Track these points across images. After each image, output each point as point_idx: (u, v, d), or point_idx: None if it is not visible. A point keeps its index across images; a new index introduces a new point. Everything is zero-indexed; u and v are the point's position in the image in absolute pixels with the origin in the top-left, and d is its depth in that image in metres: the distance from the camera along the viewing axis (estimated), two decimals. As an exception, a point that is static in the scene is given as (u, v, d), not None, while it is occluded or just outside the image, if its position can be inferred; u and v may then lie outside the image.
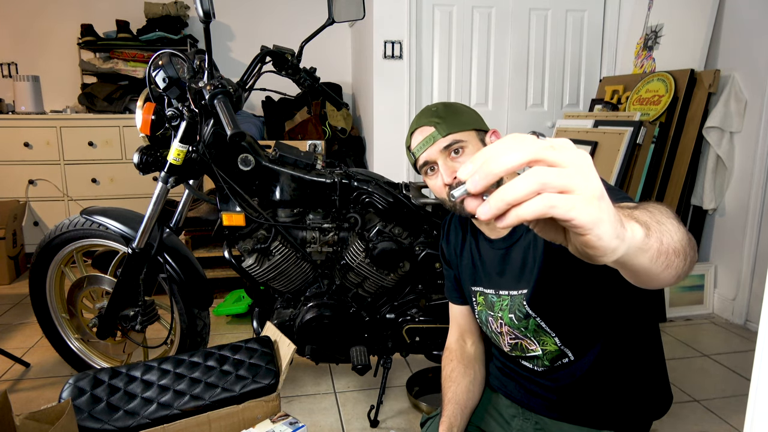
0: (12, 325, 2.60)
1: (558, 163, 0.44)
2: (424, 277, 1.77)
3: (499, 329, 1.12)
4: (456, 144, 1.07)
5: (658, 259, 0.58)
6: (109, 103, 3.51)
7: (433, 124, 1.09)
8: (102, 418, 1.31)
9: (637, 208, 0.65)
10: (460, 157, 1.07)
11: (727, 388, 2.00)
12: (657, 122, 2.68)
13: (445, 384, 1.21)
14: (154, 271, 1.77)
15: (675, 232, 0.61)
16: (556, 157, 0.44)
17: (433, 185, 1.13)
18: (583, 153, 0.47)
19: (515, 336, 1.10)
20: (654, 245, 0.57)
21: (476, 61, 3.39)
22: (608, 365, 1.05)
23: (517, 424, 1.15)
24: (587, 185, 0.45)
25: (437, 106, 1.13)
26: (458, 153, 1.08)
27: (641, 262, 0.56)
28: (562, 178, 0.44)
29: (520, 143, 0.45)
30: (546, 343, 1.06)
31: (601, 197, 0.46)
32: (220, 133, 1.58)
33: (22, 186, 3.38)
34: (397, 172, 3.27)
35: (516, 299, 1.07)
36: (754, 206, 2.53)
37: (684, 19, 2.81)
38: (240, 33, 3.92)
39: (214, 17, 1.35)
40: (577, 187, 0.44)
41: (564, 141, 0.47)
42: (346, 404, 1.93)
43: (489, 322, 1.15)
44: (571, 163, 0.45)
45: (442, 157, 1.09)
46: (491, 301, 1.13)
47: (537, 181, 0.43)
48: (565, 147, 0.46)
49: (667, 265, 0.60)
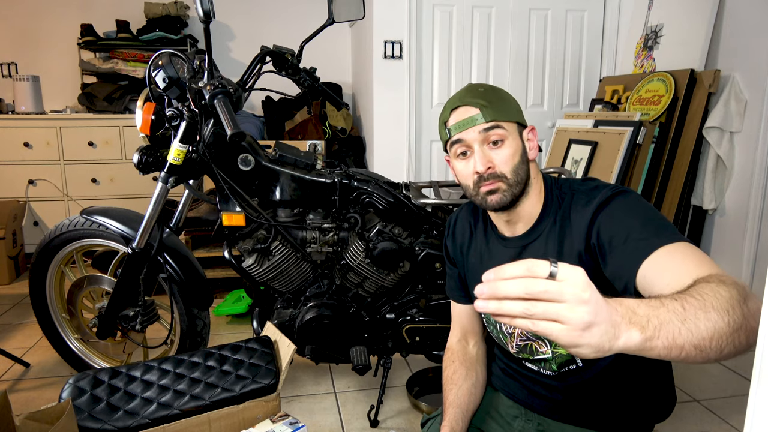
0: (12, 325, 2.60)
1: (555, 298, 0.53)
2: (424, 277, 1.77)
3: (511, 330, 1.11)
4: (497, 133, 1.02)
5: (670, 353, 0.61)
6: (109, 103, 3.51)
7: (479, 105, 1.02)
8: (102, 418, 1.31)
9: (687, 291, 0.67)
10: (498, 149, 1.02)
11: (727, 388, 2.00)
12: (657, 122, 2.68)
13: (446, 386, 1.19)
14: (154, 271, 1.77)
15: (706, 327, 0.62)
16: (555, 294, 0.53)
17: (462, 170, 1.06)
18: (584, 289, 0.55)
19: (527, 338, 1.08)
20: (659, 345, 0.60)
21: (476, 61, 3.39)
22: (617, 371, 1.04)
23: (519, 424, 1.15)
24: (574, 319, 0.53)
25: (485, 87, 1.06)
26: (497, 144, 1.02)
27: (647, 354, 0.61)
28: (550, 312, 0.53)
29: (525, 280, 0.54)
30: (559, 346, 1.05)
31: (588, 327, 0.54)
32: (220, 133, 1.58)
33: (22, 186, 3.38)
34: (397, 172, 3.27)
35: None
36: (754, 206, 2.53)
37: (684, 19, 2.81)
38: (240, 33, 3.92)
39: (214, 17, 1.35)
40: (564, 320, 0.53)
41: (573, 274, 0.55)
42: (346, 404, 1.93)
43: (498, 323, 1.13)
44: (568, 299, 0.53)
45: (480, 144, 1.03)
46: None
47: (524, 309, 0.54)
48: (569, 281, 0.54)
49: (685, 357, 0.62)
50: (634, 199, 0.95)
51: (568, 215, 1.00)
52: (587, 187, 1.02)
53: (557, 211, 1.03)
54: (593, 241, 0.94)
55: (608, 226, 0.92)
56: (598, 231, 0.93)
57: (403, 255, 1.70)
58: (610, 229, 0.91)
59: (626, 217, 0.91)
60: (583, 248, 0.96)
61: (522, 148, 1.04)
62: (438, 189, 1.88)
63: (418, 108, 3.33)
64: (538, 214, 1.05)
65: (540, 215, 1.05)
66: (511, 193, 1.02)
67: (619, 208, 0.94)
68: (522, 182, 1.03)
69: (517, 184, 1.02)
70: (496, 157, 1.02)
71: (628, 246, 0.87)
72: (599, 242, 0.93)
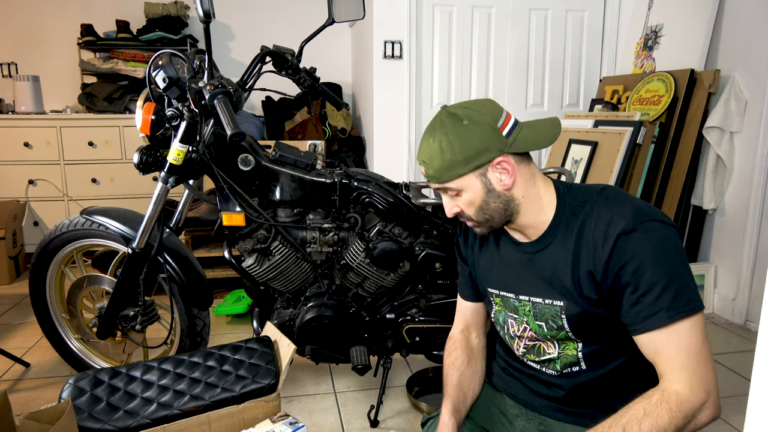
0: (12, 325, 2.60)
1: None
2: (424, 277, 1.77)
3: (521, 333, 1.10)
4: (449, 189, 1.04)
5: None
6: (109, 103, 3.51)
7: (425, 166, 1.03)
8: (102, 418, 1.31)
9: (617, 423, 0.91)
10: (458, 198, 1.04)
11: (727, 388, 2.00)
12: (657, 122, 2.68)
13: (448, 371, 1.19)
14: (154, 271, 1.77)
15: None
16: None
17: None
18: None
19: (535, 339, 1.09)
20: None
21: (476, 61, 3.39)
22: (619, 375, 1.05)
23: (521, 424, 1.15)
24: None
25: (434, 136, 1.00)
26: (456, 194, 1.04)
27: None
28: None
29: None
30: (567, 348, 1.05)
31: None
32: (220, 133, 1.58)
33: (22, 186, 3.38)
34: (397, 172, 3.27)
35: (545, 308, 1.04)
36: (754, 206, 2.53)
37: (684, 19, 2.81)
38: (240, 33, 3.92)
39: (214, 17, 1.35)
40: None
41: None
42: (346, 404, 1.93)
43: (509, 325, 1.13)
44: None
45: (442, 193, 1.07)
46: (513, 305, 1.11)
47: None
48: None
49: None
50: (659, 239, 0.93)
51: (587, 229, 0.98)
52: (607, 198, 1.00)
53: (572, 220, 1.01)
54: (611, 276, 0.95)
55: (629, 272, 0.92)
56: (618, 270, 0.94)
57: (403, 255, 1.70)
58: (631, 276, 0.92)
59: (651, 268, 0.91)
60: (599, 274, 0.96)
61: (485, 190, 1.01)
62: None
63: (418, 108, 3.33)
64: (550, 222, 1.04)
65: (552, 223, 1.03)
66: (487, 227, 1.06)
67: (644, 250, 0.92)
68: (496, 215, 1.03)
69: (488, 221, 1.04)
70: (459, 203, 1.05)
71: (643, 303, 0.92)
72: (616, 282, 0.94)
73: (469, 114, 0.99)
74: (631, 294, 0.92)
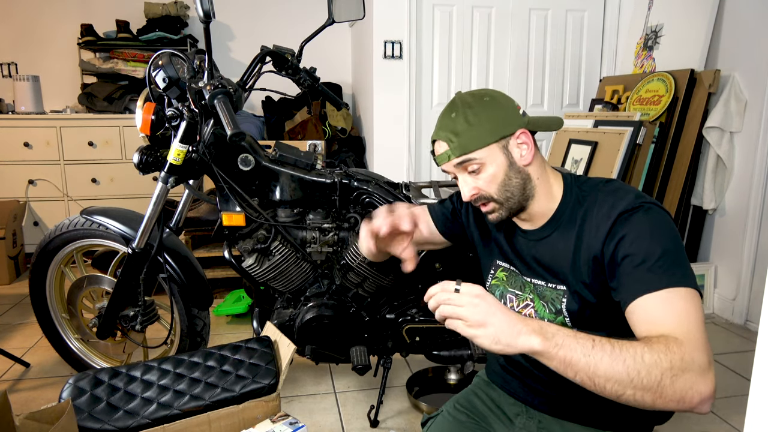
0: (12, 325, 2.60)
1: (456, 303, 0.84)
2: (424, 277, 1.77)
3: (519, 310, 1.11)
4: (471, 163, 1.02)
5: (566, 371, 0.82)
6: (109, 103, 3.51)
7: (447, 140, 1.03)
8: (102, 418, 1.31)
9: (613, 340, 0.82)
10: (479, 175, 1.03)
11: (727, 388, 2.00)
12: (657, 122, 2.68)
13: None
14: (154, 271, 1.77)
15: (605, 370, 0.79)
16: (456, 300, 0.84)
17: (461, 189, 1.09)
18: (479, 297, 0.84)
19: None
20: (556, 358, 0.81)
21: (476, 61, 3.39)
22: None
23: (521, 422, 1.15)
24: (472, 317, 0.82)
25: (457, 111, 1.03)
26: (476, 171, 1.03)
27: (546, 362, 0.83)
28: (455, 312, 0.84)
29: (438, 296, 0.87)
30: None
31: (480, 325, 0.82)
32: (220, 133, 1.58)
33: (22, 186, 3.38)
34: (397, 172, 3.27)
35: (547, 291, 1.06)
36: (754, 206, 2.53)
37: (684, 19, 2.81)
38: (240, 33, 3.92)
39: (214, 17, 1.35)
40: (463, 317, 0.83)
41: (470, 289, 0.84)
42: (346, 404, 1.93)
43: (507, 300, 1.14)
44: (466, 303, 0.83)
45: (460, 173, 1.05)
46: (521, 281, 1.11)
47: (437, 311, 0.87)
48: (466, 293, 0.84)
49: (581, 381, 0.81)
50: (658, 219, 0.94)
51: (590, 215, 1.00)
52: (612, 188, 1.02)
53: (576, 208, 1.03)
54: (608, 251, 0.95)
55: (627, 244, 0.92)
56: (616, 244, 0.94)
57: (403, 255, 1.70)
58: (628, 247, 0.92)
59: (647, 240, 0.91)
60: (599, 253, 0.97)
61: (507, 163, 1.02)
62: (438, 189, 1.88)
63: (418, 108, 3.33)
64: (555, 210, 1.06)
65: (557, 211, 1.05)
66: (506, 208, 1.05)
67: (642, 225, 0.93)
68: (516, 194, 1.03)
69: (508, 200, 1.04)
70: (478, 182, 1.04)
71: (637, 272, 0.90)
72: (614, 256, 0.94)
73: (488, 92, 1.06)
74: (627, 264, 0.92)
